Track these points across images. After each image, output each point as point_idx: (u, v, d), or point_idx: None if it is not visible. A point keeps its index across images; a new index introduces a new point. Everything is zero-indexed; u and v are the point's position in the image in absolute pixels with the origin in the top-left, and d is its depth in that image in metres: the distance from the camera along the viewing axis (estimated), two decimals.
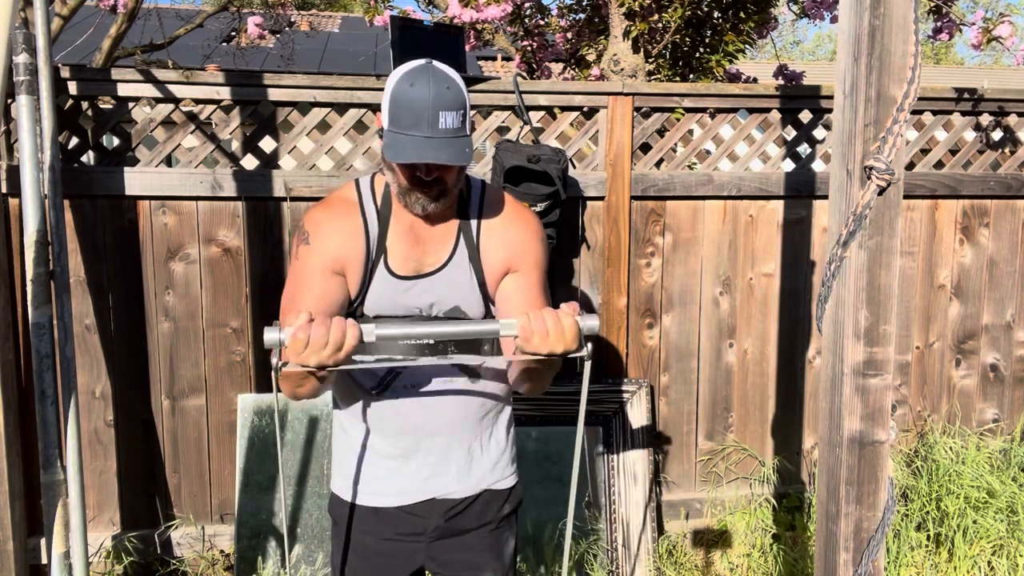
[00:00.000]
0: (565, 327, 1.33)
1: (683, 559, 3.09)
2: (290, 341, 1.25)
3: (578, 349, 1.35)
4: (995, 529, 2.96)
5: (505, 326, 1.34)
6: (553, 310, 1.35)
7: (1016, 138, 3.40)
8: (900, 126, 1.36)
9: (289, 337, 1.25)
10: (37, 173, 2.34)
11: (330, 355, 1.27)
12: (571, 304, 1.36)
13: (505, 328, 1.34)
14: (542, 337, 1.33)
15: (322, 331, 1.26)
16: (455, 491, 1.67)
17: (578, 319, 1.34)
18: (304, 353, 1.27)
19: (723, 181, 3.15)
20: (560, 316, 1.33)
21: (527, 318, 1.33)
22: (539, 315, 1.33)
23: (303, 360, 1.27)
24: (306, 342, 1.25)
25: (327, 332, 1.26)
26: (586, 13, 4.16)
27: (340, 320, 1.29)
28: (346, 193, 1.62)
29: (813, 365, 3.31)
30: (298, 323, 1.26)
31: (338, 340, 1.27)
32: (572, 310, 1.35)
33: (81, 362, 2.84)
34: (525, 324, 1.33)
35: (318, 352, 1.27)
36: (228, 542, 2.96)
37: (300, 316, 1.27)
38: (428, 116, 1.43)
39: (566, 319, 1.33)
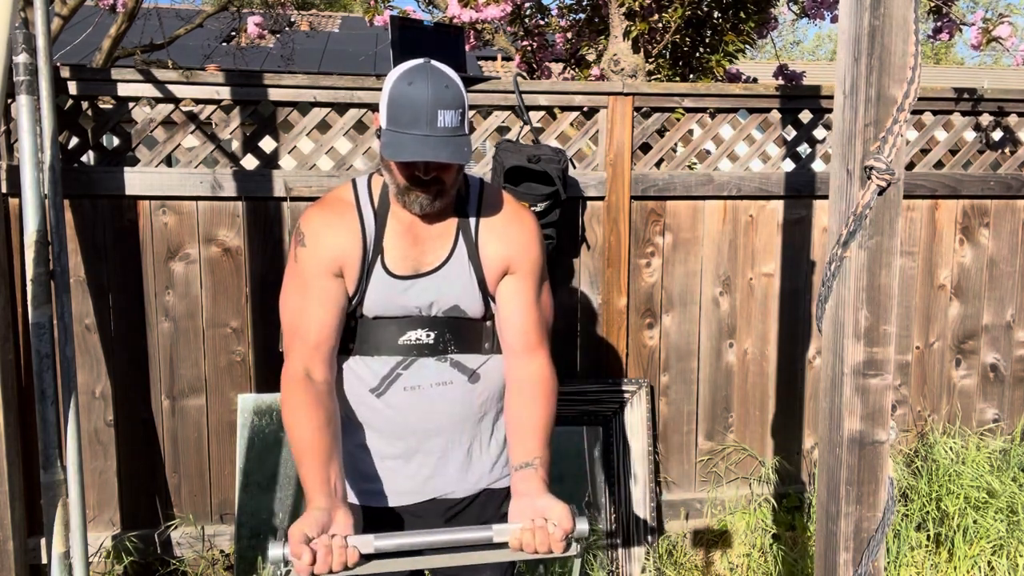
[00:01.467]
0: (554, 547, 1.36)
1: (683, 559, 3.09)
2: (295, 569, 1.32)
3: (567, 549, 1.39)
4: (995, 529, 2.96)
5: (499, 532, 1.38)
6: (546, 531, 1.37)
7: (1016, 138, 3.40)
8: (900, 126, 1.36)
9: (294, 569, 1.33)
10: (37, 173, 2.34)
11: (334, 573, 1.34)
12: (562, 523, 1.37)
13: (499, 535, 1.38)
14: (531, 552, 1.38)
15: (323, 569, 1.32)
16: (454, 491, 1.67)
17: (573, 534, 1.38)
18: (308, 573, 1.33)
19: (723, 181, 3.15)
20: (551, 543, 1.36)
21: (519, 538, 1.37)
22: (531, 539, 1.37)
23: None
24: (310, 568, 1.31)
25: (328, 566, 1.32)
26: (586, 13, 4.15)
27: (341, 551, 1.33)
28: (342, 193, 1.62)
29: (813, 365, 3.31)
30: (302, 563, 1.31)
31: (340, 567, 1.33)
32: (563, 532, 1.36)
33: (81, 362, 2.84)
34: (515, 541, 1.38)
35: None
36: (228, 542, 2.96)
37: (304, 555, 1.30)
38: (426, 115, 1.43)
39: (556, 547, 1.36)
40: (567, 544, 1.38)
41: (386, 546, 1.36)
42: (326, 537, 1.33)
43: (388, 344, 1.60)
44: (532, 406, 1.57)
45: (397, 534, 1.38)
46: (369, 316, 1.60)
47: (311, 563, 1.30)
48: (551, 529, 1.36)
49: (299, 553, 1.30)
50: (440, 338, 1.61)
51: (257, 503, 2.83)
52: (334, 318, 1.56)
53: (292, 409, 1.51)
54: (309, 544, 1.31)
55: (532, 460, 1.50)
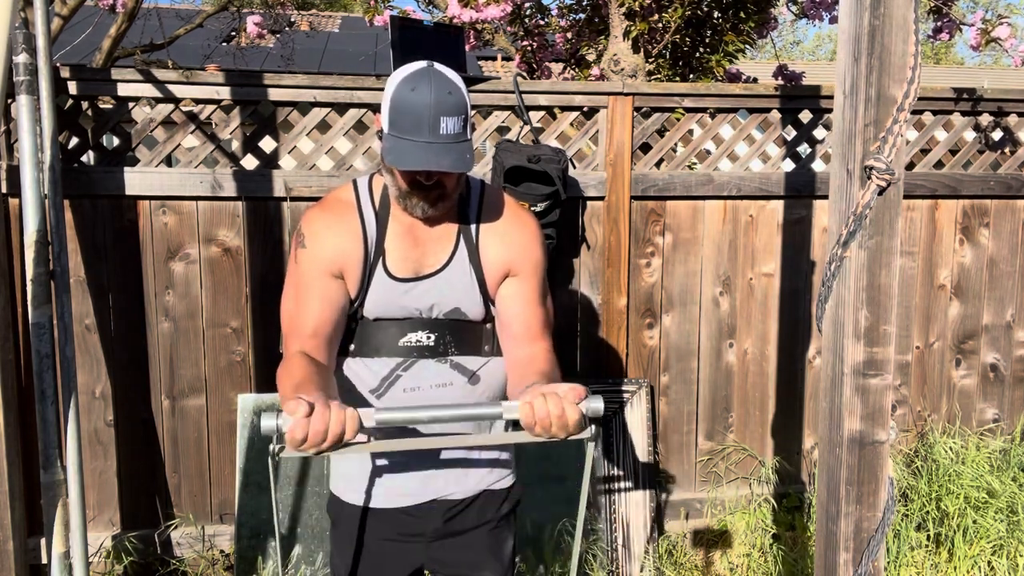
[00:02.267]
0: (569, 419, 1.28)
1: (683, 559, 3.09)
2: (288, 434, 1.22)
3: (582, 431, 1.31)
4: (995, 529, 2.96)
5: (508, 409, 1.31)
6: (559, 396, 1.29)
7: (1016, 138, 3.40)
8: (900, 126, 1.36)
9: (287, 429, 1.23)
10: (37, 173, 2.34)
11: (329, 445, 1.25)
12: (576, 389, 1.31)
13: (508, 411, 1.31)
14: (545, 427, 1.30)
15: (320, 427, 1.23)
16: (454, 492, 1.67)
17: (584, 404, 1.30)
18: (304, 446, 1.24)
19: (723, 181, 3.15)
20: (565, 406, 1.28)
21: (530, 407, 1.30)
22: (543, 404, 1.29)
23: (302, 451, 1.25)
24: (305, 435, 1.22)
25: (326, 428, 1.23)
26: (586, 13, 4.15)
27: (339, 411, 1.25)
28: (343, 194, 1.62)
29: (813, 365, 3.31)
30: (297, 416, 1.22)
31: (337, 433, 1.24)
32: (577, 396, 1.30)
33: (81, 362, 2.84)
34: (528, 412, 1.30)
35: (317, 445, 1.24)
36: (228, 542, 2.96)
37: (299, 408, 1.22)
38: (429, 121, 1.42)
39: (570, 411, 1.28)
40: (582, 419, 1.29)
41: (389, 419, 1.28)
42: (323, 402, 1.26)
43: (388, 346, 1.60)
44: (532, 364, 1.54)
45: (400, 408, 1.30)
46: (370, 318, 1.60)
47: (307, 414, 1.22)
48: (563, 392, 1.29)
49: (294, 409, 1.21)
50: (440, 340, 1.61)
51: (257, 503, 2.83)
52: (332, 315, 1.56)
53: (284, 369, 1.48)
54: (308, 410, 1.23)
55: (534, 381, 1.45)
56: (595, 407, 1.30)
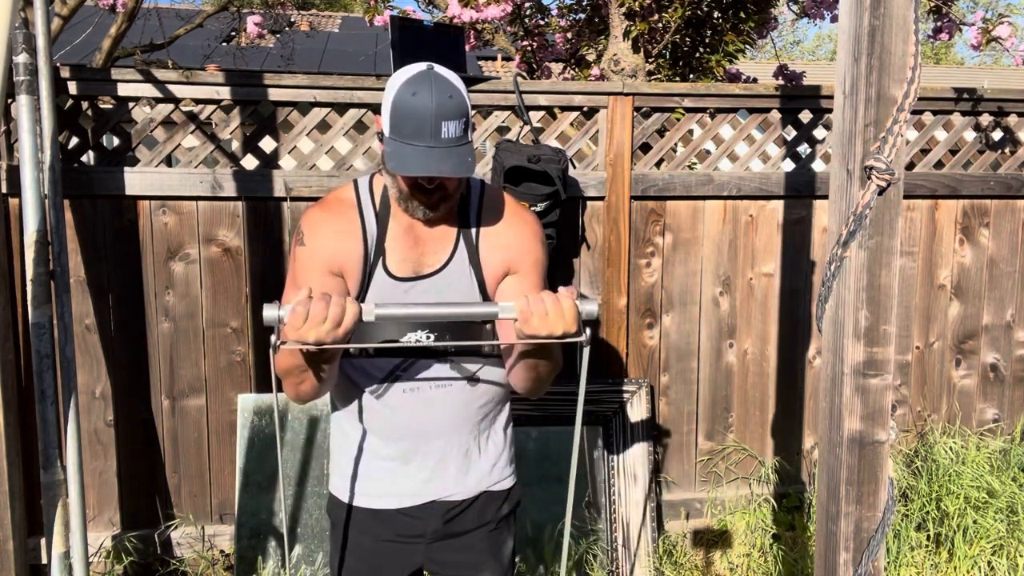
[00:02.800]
0: (564, 308, 1.33)
1: (683, 559, 3.09)
2: (289, 315, 1.24)
3: (577, 333, 1.35)
4: (995, 529, 2.96)
5: (504, 309, 1.34)
6: (552, 292, 1.35)
7: (1016, 138, 3.40)
8: (900, 126, 1.36)
9: (288, 312, 1.24)
10: (37, 173, 2.34)
11: (329, 331, 1.27)
12: (569, 288, 1.36)
13: (504, 311, 1.34)
14: (541, 318, 1.32)
15: (321, 306, 1.26)
16: (454, 493, 1.67)
17: (577, 303, 1.34)
18: (303, 328, 1.26)
19: (723, 181, 3.15)
20: (559, 298, 1.34)
21: (526, 300, 1.34)
22: (538, 297, 1.34)
23: (301, 336, 1.26)
24: (305, 316, 1.25)
25: (326, 307, 1.26)
26: (586, 13, 4.15)
27: (340, 297, 1.29)
28: (344, 193, 1.62)
29: (813, 365, 3.31)
30: (298, 298, 1.26)
31: (337, 316, 1.26)
32: (570, 294, 1.35)
33: (81, 362, 2.84)
34: (524, 306, 1.34)
35: (317, 327, 1.26)
36: (228, 542, 2.96)
37: (300, 292, 1.28)
38: (430, 126, 1.42)
39: (565, 301, 1.33)
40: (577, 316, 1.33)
41: (388, 314, 1.30)
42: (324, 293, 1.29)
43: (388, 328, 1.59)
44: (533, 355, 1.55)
45: (399, 304, 1.33)
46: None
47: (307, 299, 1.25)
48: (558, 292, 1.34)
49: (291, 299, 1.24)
50: (440, 340, 1.61)
51: (257, 503, 2.83)
52: None
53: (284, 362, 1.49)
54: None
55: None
56: (589, 309, 1.34)
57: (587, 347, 1.37)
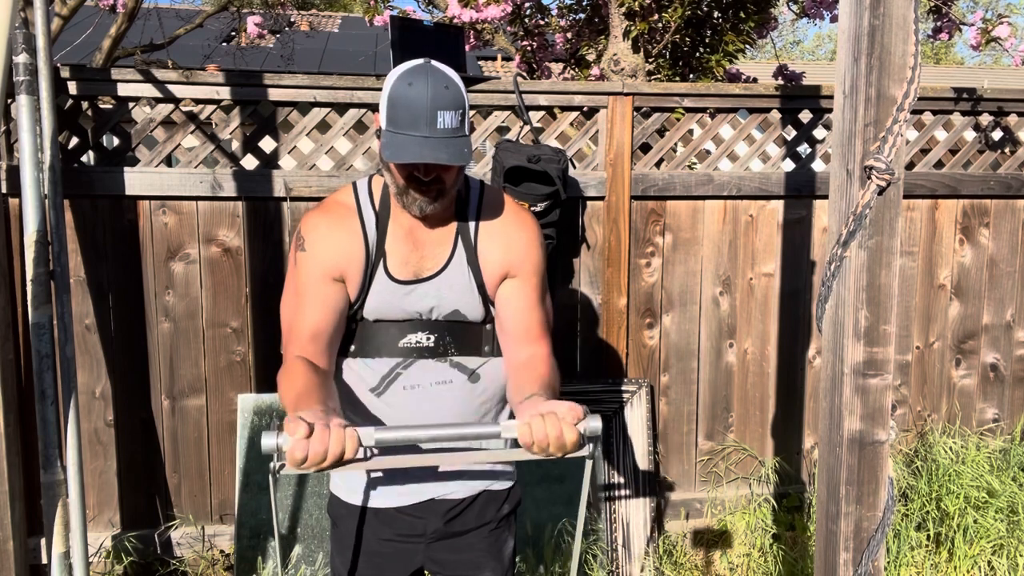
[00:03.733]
0: (566, 440, 1.28)
1: (683, 559, 3.09)
2: (288, 453, 1.23)
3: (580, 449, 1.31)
4: (995, 529, 2.96)
5: (506, 428, 1.31)
6: (557, 418, 1.30)
7: (1016, 138, 3.40)
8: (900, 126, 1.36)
9: (287, 450, 1.23)
10: (37, 173, 2.34)
11: (329, 465, 1.26)
12: (574, 409, 1.30)
13: (506, 431, 1.31)
14: (542, 447, 1.30)
15: (320, 449, 1.23)
16: (454, 492, 1.67)
17: (582, 425, 1.30)
18: (304, 466, 1.24)
19: (723, 181, 3.15)
20: (563, 427, 1.28)
21: (528, 427, 1.30)
22: (542, 425, 1.29)
23: (302, 470, 1.26)
24: (305, 455, 1.23)
25: (325, 449, 1.23)
26: (586, 13, 4.15)
27: (339, 431, 1.25)
28: (343, 197, 1.62)
29: (813, 365, 3.31)
30: (297, 437, 1.22)
31: (336, 453, 1.24)
32: (574, 417, 1.30)
33: (81, 362, 2.84)
34: (526, 433, 1.30)
35: (317, 464, 1.25)
36: (228, 542, 2.96)
37: (299, 429, 1.23)
38: (426, 116, 1.42)
39: (568, 432, 1.28)
40: (580, 438, 1.29)
41: (388, 438, 1.28)
42: (324, 422, 1.26)
43: (388, 346, 1.60)
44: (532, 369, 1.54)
45: (399, 428, 1.31)
46: (370, 319, 1.60)
47: (307, 435, 1.22)
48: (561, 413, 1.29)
49: (294, 430, 1.22)
50: (440, 341, 1.61)
51: (257, 503, 2.83)
52: (332, 319, 1.56)
53: (285, 375, 1.49)
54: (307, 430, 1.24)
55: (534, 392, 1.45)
56: (593, 426, 1.30)
57: (590, 460, 1.34)
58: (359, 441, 1.26)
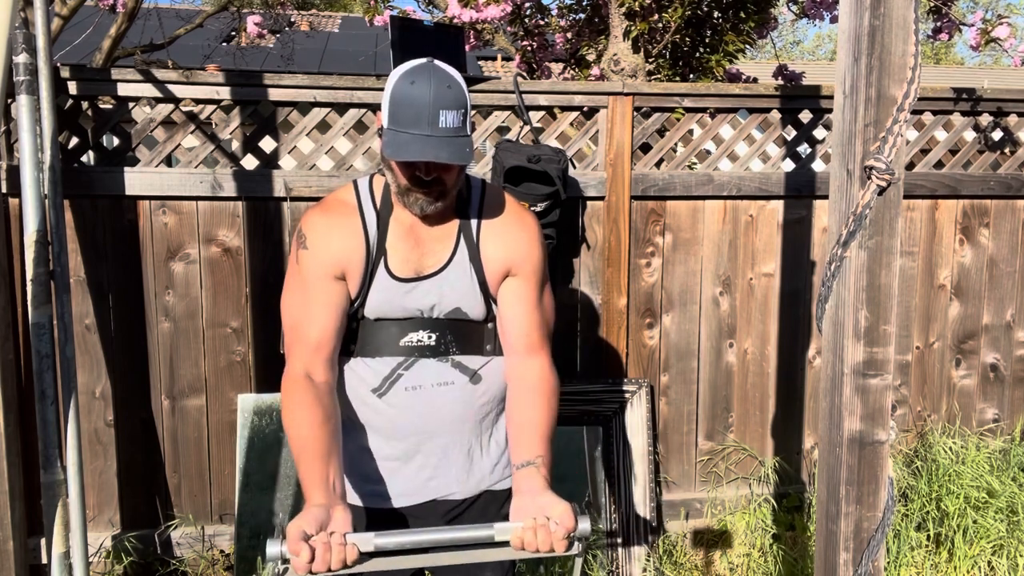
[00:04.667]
0: (556, 550, 1.34)
1: (683, 559, 3.09)
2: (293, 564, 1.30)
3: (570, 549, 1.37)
4: (995, 529, 2.96)
5: (500, 531, 1.36)
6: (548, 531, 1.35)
7: (1016, 138, 3.40)
8: (900, 126, 1.36)
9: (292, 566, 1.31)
10: (37, 173, 2.34)
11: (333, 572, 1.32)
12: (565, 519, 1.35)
13: (500, 534, 1.36)
14: (532, 551, 1.35)
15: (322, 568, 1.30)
16: (455, 493, 1.67)
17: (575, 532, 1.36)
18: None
19: (723, 181, 3.15)
20: (554, 541, 1.34)
21: (520, 537, 1.35)
22: (533, 537, 1.34)
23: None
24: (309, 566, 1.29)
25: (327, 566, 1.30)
26: (586, 13, 4.15)
27: (340, 548, 1.31)
28: (344, 195, 1.62)
29: (813, 365, 3.31)
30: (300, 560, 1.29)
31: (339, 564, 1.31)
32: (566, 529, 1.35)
33: (81, 362, 2.84)
34: (516, 540, 1.35)
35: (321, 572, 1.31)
36: (228, 542, 2.96)
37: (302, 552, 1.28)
38: (428, 115, 1.42)
39: (558, 546, 1.34)
40: (569, 543, 1.36)
41: (386, 544, 1.35)
42: (324, 535, 1.32)
43: (389, 345, 1.60)
44: (534, 406, 1.57)
45: (397, 532, 1.37)
46: (371, 318, 1.60)
47: (309, 560, 1.29)
48: (553, 528, 1.35)
49: (297, 551, 1.29)
50: (441, 339, 1.61)
51: (257, 503, 2.83)
52: (335, 320, 1.56)
53: (291, 408, 1.51)
54: (308, 542, 1.30)
55: (534, 459, 1.49)
56: (583, 529, 1.37)
57: (580, 558, 1.42)
58: (359, 553, 1.33)
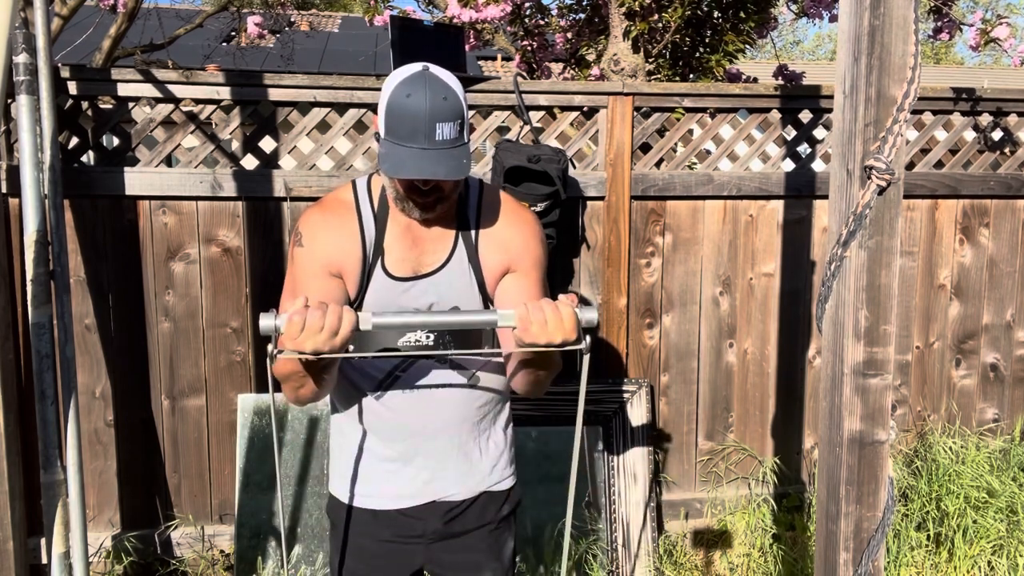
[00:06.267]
0: (563, 316, 1.32)
1: (683, 559, 3.09)
2: (286, 325, 1.25)
3: (577, 341, 1.34)
4: (995, 529, 2.96)
5: (503, 316, 1.33)
6: (551, 300, 1.34)
7: (1016, 138, 3.40)
8: (900, 126, 1.36)
9: (285, 321, 1.25)
10: (37, 173, 2.34)
11: (326, 340, 1.27)
12: (570, 296, 1.35)
13: (504, 319, 1.33)
14: (540, 326, 1.31)
15: (318, 315, 1.25)
16: (454, 493, 1.66)
17: (576, 310, 1.33)
18: (300, 338, 1.26)
19: (723, 181, 3.15)
20: (558, 306, 1.33)
21: (525, 308, 1.33)
22: (537, 305, 1.33)
23: (299, 346, 1.26)
24: (302, 326, 1.25)
25: (323, 316, 1.26)
26: (586, 13, 4.16)
27: (337, 306, 1.28)
28: (342, 194, 1.62)
29: (813, 365, 3.31)
30: (294, 308, 1.26)
31: (334, 325, 1.26)
32: (570, 301, 1.34)
33: (81, 362, 2.84)
34: (523, 314, 1.32)
35: (314, 336, 1.26)
36: (228, 542, 2.96)
37: (297, 301, 1.27)
38: (425, 128, 1.42)
39: (564, 309, 1.32)
40: (576, 324, 1.32)
41: (385, 323, 1.30)
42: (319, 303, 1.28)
43: (386, 335, 1.60)
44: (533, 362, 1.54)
45: (397, 312, 1.31)
46: None
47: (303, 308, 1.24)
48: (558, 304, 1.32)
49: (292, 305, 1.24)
50: (440, 339, 1.60)
51: (257, 503, 2.83)
52: None
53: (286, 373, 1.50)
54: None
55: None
56: (588, 317, 1.33)
57: (587, 355, 1.36)
58: (356, 321, 1.28)
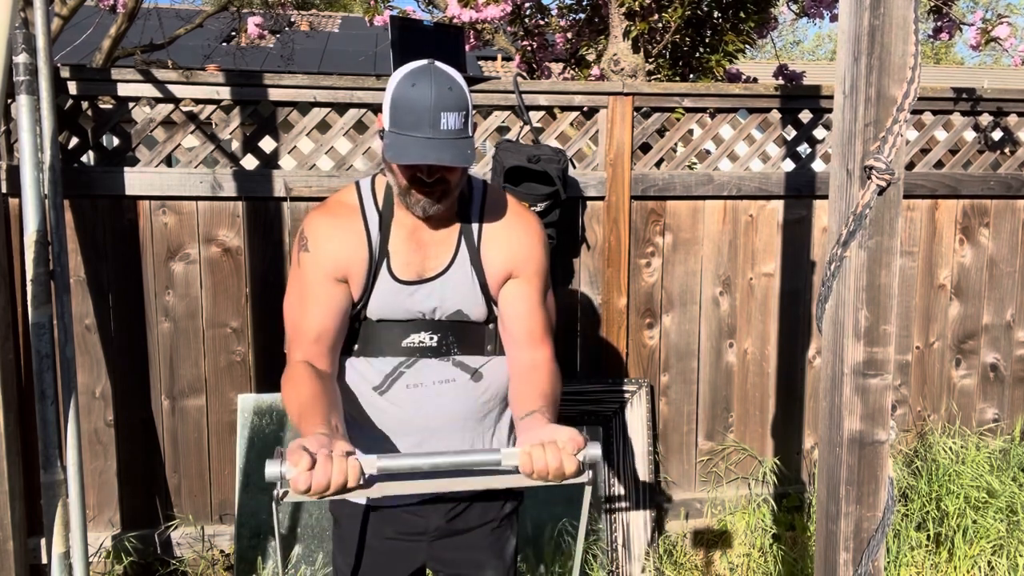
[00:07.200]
0: (566, 470, 1.30)
1: (683, 559, 3.08)
2: (292, 485, 1.24)
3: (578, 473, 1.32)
4: (995, 529, 2.96)
5: (507, 456, 1.32)
6: (557, 448, 1.30)
7: (1016, 138, 3.40)
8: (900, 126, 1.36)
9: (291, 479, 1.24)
10: (37, 173, 2.34)
11: (332, 494, 1.26)
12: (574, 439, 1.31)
13: (507, 458, 1.31)
14: (542, 474, 1.31)
15: (323, 479, 1.23)
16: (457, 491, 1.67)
17: (582, 454, 1.31)
18: (307, 494, 1.25)
19: (723, 181, 3.15)
20: (563, 458, 1.29)
21: (529, 457, 1.30)
22: (542, 455, 1.30)
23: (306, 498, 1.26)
24: (308, 485, 1.23)
25: (328, 479, 1.23)
26: (586, 13, 4.16)
27: (341, 461, 1.25)
28: (346, 197, 1.62)
29: (813, 365, 3.31)
30: (300, 468, 1.22)
31: (339, 483, 1.24)
32: (575, 446, 1.31)
33: (81, 362, 2.84)
34: (526, 462, 1.30)
35: (320, 493, 1.25)
36: (228, 542, 2.96)
37: (302, 460, 1.22)
38: (429, 117, 1.42)
39: (568, 463, 1.29)
40: (579, 467, 1.31)
41: (390, 467, 1.29)
42: (326, 450, 1.26)
43: (392, 346, 1.60)
44: (535, 380, 1.55)
45: (401, 455, 1.30)
46: (373, 319, 1.60)
47: (310, 467, 1.22)
48: (561, 444, 1.30)
49: (297, 460, 1.22)
50: (443, 340, 1.61)
51: (257, 503, 2.83)
52: (336, 320, 1.57)
53: (289, 381, 1.49)
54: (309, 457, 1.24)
55: (536, 408, 1.46)
56: (592, 454, 1.32)
57: (590, 487, 1.35)
58: (361, 470, 1.27)
